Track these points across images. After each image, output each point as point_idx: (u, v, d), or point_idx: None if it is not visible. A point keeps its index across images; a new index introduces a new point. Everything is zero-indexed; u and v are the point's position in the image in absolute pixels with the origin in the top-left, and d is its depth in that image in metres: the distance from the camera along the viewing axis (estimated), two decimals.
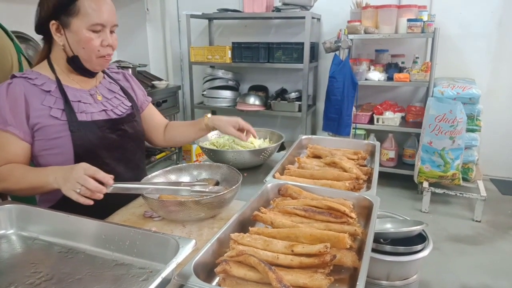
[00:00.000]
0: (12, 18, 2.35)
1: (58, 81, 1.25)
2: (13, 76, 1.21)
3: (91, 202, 1.03)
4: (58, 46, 1.24)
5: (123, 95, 1.43)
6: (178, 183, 1.29)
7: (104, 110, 1.32)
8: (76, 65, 1.26)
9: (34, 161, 1.27)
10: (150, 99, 1.59)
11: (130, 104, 1.43)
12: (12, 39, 2.06)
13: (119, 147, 1.33)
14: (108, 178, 1.04)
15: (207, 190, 1.24)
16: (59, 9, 1.17)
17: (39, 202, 1.35)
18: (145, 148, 1.53)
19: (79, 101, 1.26)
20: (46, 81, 1.23)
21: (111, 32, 1.24)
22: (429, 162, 3.38)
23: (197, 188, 1.22)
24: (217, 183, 1.40)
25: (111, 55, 1.26)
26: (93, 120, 1.27)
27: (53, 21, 1.19)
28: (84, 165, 1.05)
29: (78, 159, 1.21)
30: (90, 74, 1.31)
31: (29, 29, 1.81)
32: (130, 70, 3.73)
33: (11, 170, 1.17)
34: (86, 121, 1.25)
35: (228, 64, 4.11)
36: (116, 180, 1.11)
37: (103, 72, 1.43)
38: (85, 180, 1.01)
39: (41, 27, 1.22)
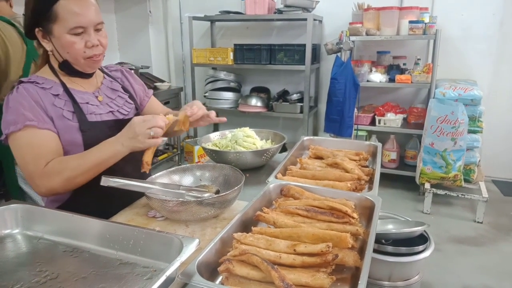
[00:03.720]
0: None
1: (63, 84, 1.25)
2: (20, 82, 1.21)
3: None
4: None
5: (125, 93, 1.42)
6: (177, 186, 1.30)
7: (110, 111, 1.33)
8: (68, 69, 1.25)
9: None
10: (150, 93, 1.54)
11: (133, 102, 1.44)
12: (27, 44, 2.11)
13: None
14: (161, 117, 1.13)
15: (205, 196, 1.24)
16: (38, 17, 1.16)
17: (47, 203, 1.35)
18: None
19: (87, 103, 1.27)
20: (53, 85, 1.24)
21: (98, 30, 1.20)
22: (431, 163, 3.38)
23: (194, 193, 1.23)
24: (217, 192, 1.35)
25: (100, 55, 1.23)
26: (102, 120, 1.28)
27: (37, 29, 1.18)
28: (135, 119, 1.12)
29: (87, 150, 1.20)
30: (86, 75, 1.29)
31: None
32: (133, 72, 3.75)
33: (62, 161, 1.16)
34: (97, 122, 1.26)
35: (230, 65, 4.13)
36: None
37: (102, 72, 1.42)
38: (152, 121, 1.09)
39: (30, 33, 1.21)
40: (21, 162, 1.16)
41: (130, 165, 1.29)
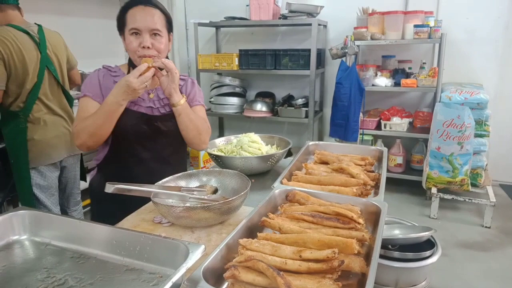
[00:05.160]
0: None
1: None
2: (103, 67, 1.53)
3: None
4: None
5: None
6: (177, 188, 1.31)
7: (150, 107, 1.51)
8: (133, 65, 1.49)
9: None
10: (195, 103, 1.61)
11: None
12: (41, 51, 2.16)
13: (150, 138, 1.51)
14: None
15: (205, 197, 1.29)
16: (119, 23, 1.46)
17: (93, 162, 1.61)
18: (182, 148, 1.65)
19: None
20: (121, 74, 1.50)
21: (154, 35, 1.42)
22: (438, 167, 3.36)
23: (195, 194, 1.27)
24: (215, 191, 1.42)
25: (152, 56, 1.41)
26: (134, 110, 1.48)
27: (122, 36, 1.47)
28: (130, 79, 1.30)
29: (113, 134, 1.44)
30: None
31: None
32: (195, 82, 3.83)
33: (84, 121, 1.41)
34: (129, 109, 1.45)
35: (235, 71, 4.15)
36: (141, 165, 1.49)
37: None
38: (146, 77, 1.32)
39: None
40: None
41: (149, 153, 1.52)
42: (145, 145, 1.50)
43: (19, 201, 2.46)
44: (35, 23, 2.26)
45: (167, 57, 1.48)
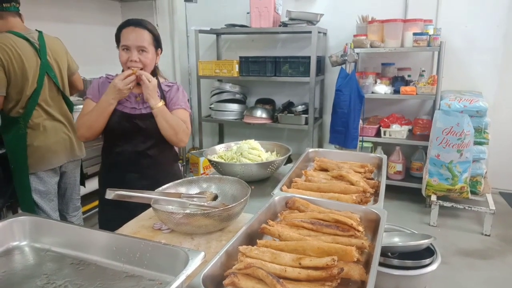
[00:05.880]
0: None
1: None
2: (105, 75, 1.83)
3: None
4: None
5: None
6: (177, 195, 1.32)
7: (134, 107, 1.75)
8: None
9: None
10: (178, 106, 1.81)
11: None
12: (41, 58, 2.18)
13: (129, 133, 1.74)
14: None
15: (205, 204, 1.30)
16: (116, 40, 1.73)
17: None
18: (163, 145, 1.79)
19: (125, 98, 1.73)
20: None
21: (142, 51, 1.68)
22: (437, 175, 3.36)
23: (195, 201, 1.29)
24: (215, 197, 1.43)
25: (141, 69, 1.69)
26: (119, 109, 1.72)
27: (118, 49, 1.72)
28: (117, 82, 1.63)
29: (105, 129, 1.72)
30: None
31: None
32: (181, 89, 3.87)
33: (82, 117, 1.73)
34: (117, 109, 1.72)
35: (235, 77, 4.16)
36: (120, 156, 1.75)
37: (159, 84, 1.80)
38: (130, 79, 1.64)
39: None
40: None
41: (130, 146, 1.75)
42: (127, 139, 1.75)
43: (18, 206, 2.45)
44: (36, 30, 2.28)
45: (155, 68, 1.79)
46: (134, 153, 1.76)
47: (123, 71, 1.72)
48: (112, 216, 1.67)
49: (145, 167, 1.76)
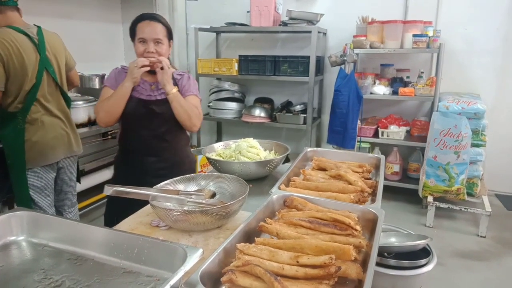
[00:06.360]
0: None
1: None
2: (120, 66, 1.94)
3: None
4: None
5: None
6: (176, 192, 1.32)
7: (150, 94, 1.86)
8: None
9: None
10: (190, 93, 1.91)
11: None
12: (40, 53, 2.17)
13: (146, 118, 1.84)
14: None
15: (203, 201, 1.30)
16: (131, 34, 1.84)
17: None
18: (178, 129, 1.90)
19: (140, 86, 1.85)
20: None
21: (157, 43, 1.80)
22: (434, 176, 3.38)
23: (193, 198, 1.29)
24: (213, 195, 1.44)
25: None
26: (134, 96, 1.83)
27: (133, 42, 1.84)
28: (129, 66, 1.78)
29: (123, 115, 1.82)
30: (150, 71, 1.82)
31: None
32: (192, 77, 3.88)
33: (101, 103, 1.84)
34: (133, 97, 1.83)
35: (234, 76, 4.16)
36: (138, 141, 1.86)
37: (173, 74, 1.89)
38: (137, 61, 1.75)
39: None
40: None
41: (146, 130, 1.85)
42: (143, 124, 1.85)
43: (14, 202, 2.45)
44: (34, 25, 2.27)
45: (168, 58, 1.85)
46: (151, 137, 1.86)
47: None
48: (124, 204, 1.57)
49: (162, 150, 1.88)
